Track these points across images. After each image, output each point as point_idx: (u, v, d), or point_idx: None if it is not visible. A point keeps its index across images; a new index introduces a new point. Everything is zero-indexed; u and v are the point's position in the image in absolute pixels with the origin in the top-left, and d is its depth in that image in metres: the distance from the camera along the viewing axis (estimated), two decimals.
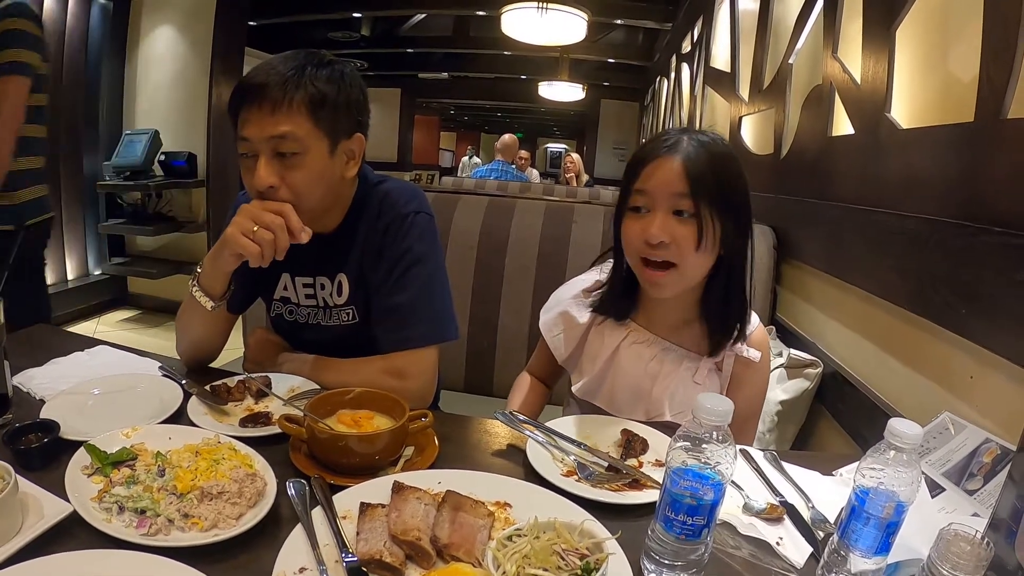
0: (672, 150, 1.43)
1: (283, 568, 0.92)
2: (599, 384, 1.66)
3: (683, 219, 1.42)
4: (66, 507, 1.00)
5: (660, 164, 1.43)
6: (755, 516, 1.16)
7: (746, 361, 1.57)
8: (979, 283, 1.41)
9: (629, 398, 1.63)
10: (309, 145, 1.48)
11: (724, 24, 4.54)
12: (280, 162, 1.48)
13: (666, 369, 1.60)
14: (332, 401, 1.34)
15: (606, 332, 1.66)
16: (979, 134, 1.50)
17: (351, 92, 1.55)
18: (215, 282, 1.57)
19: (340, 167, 1.58)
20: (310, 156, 1.49)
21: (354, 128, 1.58)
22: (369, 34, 10.72)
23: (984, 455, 1.26)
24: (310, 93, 1.46)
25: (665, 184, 1.42)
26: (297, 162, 1.48)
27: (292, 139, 1.46)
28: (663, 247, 1.42)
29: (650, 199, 1.44)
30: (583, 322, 1.68)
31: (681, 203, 1.41)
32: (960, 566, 0.81)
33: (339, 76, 1.53)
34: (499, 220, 2.58)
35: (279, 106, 1.44)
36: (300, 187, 1.50)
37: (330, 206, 1.64)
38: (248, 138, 1.48)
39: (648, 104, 10.48)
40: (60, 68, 5.52)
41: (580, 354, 1.71)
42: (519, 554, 0.92)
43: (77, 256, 6.05)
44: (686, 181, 1.40)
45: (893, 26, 1.91)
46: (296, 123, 1.46)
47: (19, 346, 1.56)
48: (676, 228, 1.42)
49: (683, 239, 1.42)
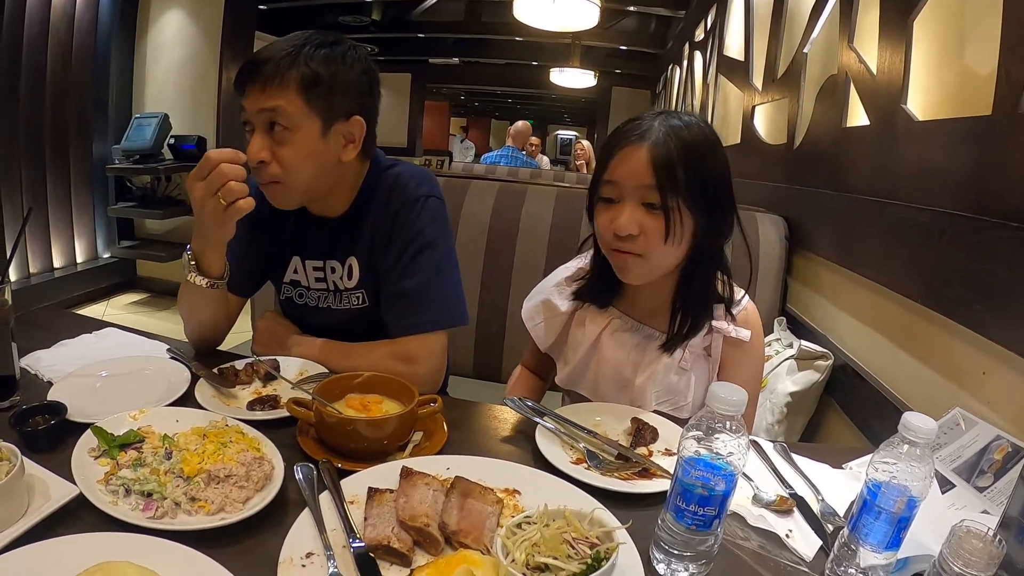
0: (641, 138, 1.38)
1: (290, 553, 0.92)
2: (582, 373, 1.66)
3: (652, 211, 1.38)
4: (72, 489, 0.99)
5: (628, 154, 1.39)
6: (765, 508, 1.15)
7: (736, 342, 1.54)
8: (993, 278, 1.40)
9: (613, 387, 1.62)
10: (299, 123, 1.49)
11: (738, 12, 4.50)
12: (271, 137, 1.50)
13: (649, 357, 1.58)
14: (341, 385, 1.34)
15: (588, 320, 1.64)
16: (996, 128, 1.49)
17: (349, 73, 1.55)
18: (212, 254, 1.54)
19: (335, 149, 1.57)
20: (300, 134, 1.50)
21: (352, 110, 1.57)
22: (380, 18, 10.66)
23: (995, 452, 1.25)
24: (303, 72, 1.48)
25: (632, 176, 1.38)
26: (287, 138, 1.50)
27: (282, 114, 1.47)
28: (631, 239, 1.40)
29: (619, 190, 1.41)
30: (565, 310, 1.67)
31: (649, 195, 1.37)
32: (972, 563, 0.80)
33: (339, 57, 1.53)
34: (510, 206, 2.57)
35: (272, 81, 1.47)
36: (289, 163, 1.51)
37: (329, 189, 1.64)
38: (245, 109, 1.51)
39: (660, 92, 10.43)
40: (70, 52, 5.53)
41: (564, 342, 1.70)
42: (528, 542, 0.91)
43: (86, 239, 6.07)
44: (652, 173, 1.36)
45: (911, 17, 1.89)
46: (287, 99, 1.47)
47: (27, 328, 1.56)
48: (645, 220, 1.39)
49: (651, 231, 1.39)
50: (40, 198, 5.46)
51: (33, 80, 5.23)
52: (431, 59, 13.58)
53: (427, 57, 13.39)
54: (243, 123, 1.54)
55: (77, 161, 5.79)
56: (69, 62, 5.52)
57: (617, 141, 1.42)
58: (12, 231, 5.00)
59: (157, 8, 6.07)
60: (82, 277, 5.99)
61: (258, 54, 1.50)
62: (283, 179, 1.53)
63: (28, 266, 5.46)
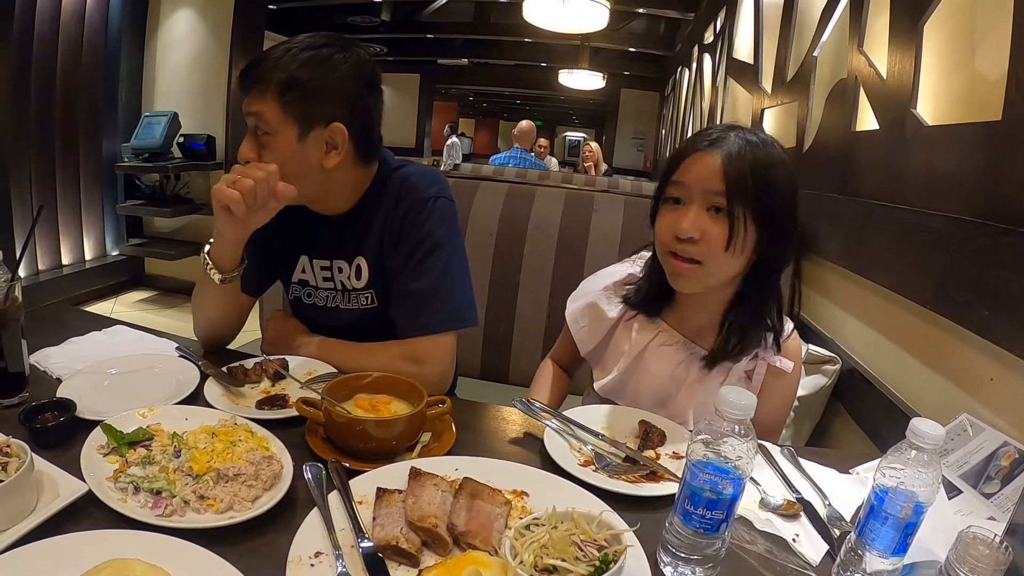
0: (714, 145, 1.38)
1: (298, 552, 0.92)
2: (623, 384, 1.63)
3: (716, 217, 1.37)
4: (81, 486, 1.00)
5: (699, 158, 1.38)
6: (772, 512, 1.16)
7: (777, 371, 1.54)
8: (1002, 284, 1.39)
9: (653, 402, 1.58)
10: (276, 128, 1.50)
11: (748, 15, 4.50)
12: (257, 140, 1.52)
13: (693, 375, 1.56)
14: (350, 385, 1.34)
15: (635, 329, 1.62)
16: (1006, 133, 1.48)
17: (330, 79, 1.52)
18: (223, 252, 1.56)
19: (315, 155, 1.54)
20: (278, 139, 1.51)
21: (333, 116, 1.53)
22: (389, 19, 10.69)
23: (1002, 459, 1.24)
24: (279, 77, 1.48)
25: (701, 179, 1.37)
26: (267, 142, 1.51)
27: (262, 119, 1.49)
28: (691, 242, 1.38)
29: (685, 191, 1.40)
30: (612, 316, 1.65)
31: (716, 200, 1.36)
32: (978, 569, 0.80)
33: (322, 61, 1.51)
34: (519, 207, 2.57)
35: (256, 85, 1.48)
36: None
37: (321, 192, 1.62)
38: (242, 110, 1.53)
39: (669, 94, 10.44)
40: (80, 50, 5.55)
41: (605, 349, 1.67)
42: (537, 544, 0.91)
43: (95, 236, 6.09)
44: (722, 178, 1.35)
45: (921, 21, 1.88)
46: (266, 104, 1.48)
47: (36, 325, 1.56)
48: (708, 225, 1.37)
49: (713, 237, 1.37)
50: (49, 195, 5.48)
51: (43, 78, 5.25)
52: (440, 60, 13.63)
53: (436, 58, 13.45)
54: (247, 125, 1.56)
55: (86, 159, 5.82)
56: (79, 60, 5.55)
57: (689, 146, 1.42)
58: (22, 229, 5.02)
59: (167, 7, 6.09)
60: (91, 274, 6.01)
61: (258, 56, 1.52)
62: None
63: (37, 263, 5.47)
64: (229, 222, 1.47)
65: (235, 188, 1.41)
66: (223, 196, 1.42)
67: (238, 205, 1.41)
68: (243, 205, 1.42)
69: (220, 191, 1.42)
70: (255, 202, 1.43)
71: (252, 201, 1.43)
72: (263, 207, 1.46)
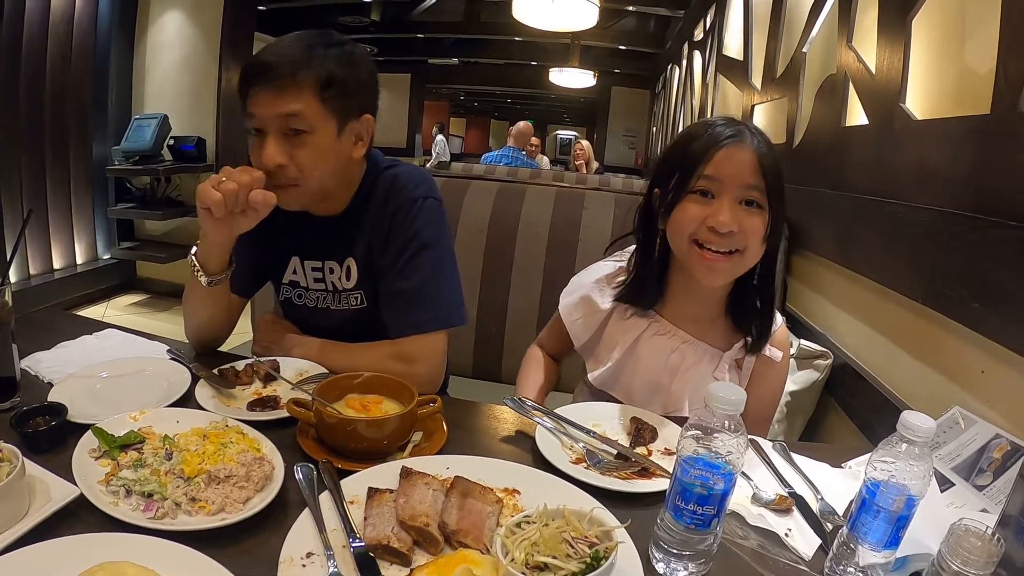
0: (740, 138, 1.40)
1: (290, 553, 0.92)
2: (616, 375, 1.64)
3: (751, 209, 1.40)
4: (73, 490, 1.00)
5: (732, 152, 1.39)
6: (764, 507, 1.16)
7: (767, 360, 1.56)
8: (993, 277, 1.40)
9: (647, 391, 1.60)
10: (316, 125, 1.50)
11: (737, 11, 4.51)
12: (288, 140, 1.50)
13: (687, 363, 1.57)
14: (341, 385, 1.34)
15: (627, 321, 1.63)
16: (995, 127, 1.49)
17: (360, 73, 1.57)
18: (209, 254, 1.56)
19: (348, 147, 1.59)
20: (317, 135, 1.51)
21: (363, 109, 1.59)
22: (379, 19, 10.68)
23: (994, 451, 1.25)
24: (319, 73, 1.48)
25: (736, 174, 1.39)
26: (305, 140, 1.50)
27: (300, 118, 1.48)
28: (730, 236, 1.39)
29: (717, 185, 1.40)
30: (605, 308, 1.66)
31: (752, 194, 1.39)
32: (970, 561, 0.80)
33: (349, 57, 1.54)
34: (509, 206, 2.56)
35: (289, 85, 1.46)
36: (307, 165, 1.52)
37: (337, 187, 1.64)
38: (255, 115, 1.49)
39: (659, 92, 10.44)
40: (69, 52, 5.51)
41: (598, 341, 1.68)
42: (528, 541, 0.91)
43: (86, 240, 6.06)
44: (761, 174, 1.38)
45: (909, 16, 1.89)
46: (305, 102, 1.47)
47: (27, 329, 1.56)
48: (744, 218, 1.39)
49: (751, 230, 1.40)
50: (40, 199, 5.45)
51: (33, 81, 5.22)
52: (430, 59, 13.63)
53: (426, 57, 13.44)
54: (253, 129, 1.53)
55: (77, 162, 5.78)
56: (69, 62, 5.51)
57: (712, 140, 1.42)
58: (12, 233, 5.00)
59: (156, 8, 6.05)
60: (82, 278, 5.97)
61: (262, 57, 1.49)
62: (300, 181, 1.54)
63: (28, 267, 5.44)
64: (211, 224, 1.46)
65: (219, 190, 1.41)
66: (206, 197, 1.41)
67: (218, 207, 1.40)
68: (223, 208, 1.41)
69: (204, 191, 1.42)
70: (236, 206, 1.42)
71: (233, 205, 1.42)
72: (245, 212, 1.45)
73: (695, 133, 1.47)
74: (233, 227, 1.48)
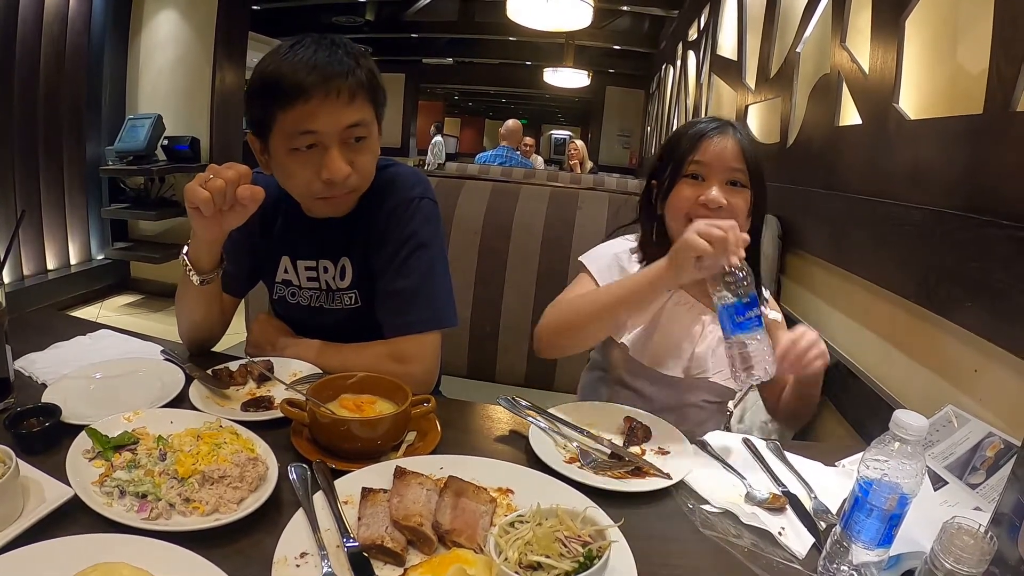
0: (723, 130, 1.67)
1: (284, 553, 0.92)
2: (645, 341, 1.79)
3: (736, 189, 1.66)
4: (67, 491, 0.99)
5: (718, 141, 1.65)
6: (757, 506, 1.16)
7: (772, 323, 1.72)
8: (985, 276, 1.40)
9: (672, 355, 1.78)
10: (372, 130, 1.56)
11: (731, 12, 4.52)
12: (349, 148, 1.53)
13: (707, 330, 1.76)
14: (334, 385, 1.34)
15: None
16: (988, 126, 1.49)
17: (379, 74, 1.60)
18: (200, 252, 1.56)
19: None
20: (371, 140, 1.58)
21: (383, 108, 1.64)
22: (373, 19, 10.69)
23: (987, 449, 1.25)
24: (368, 80, 1.52)
25: (722, 159, 1.64)
26: (365, 146, 1.56)
27: (363, 125, 1.53)
28: (720, 210, 1.60)
29: (707, 169, 1.66)
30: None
31: (736, 175, 1.65)
32: (963, 559, 0.80)
33: (367, 58, 1.57)
34: (503, 205, 2.56)
35: (354, 96, 1.49)
36: (367, 169, 1.58)
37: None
38: (316, 130, 1.47)
39: (653, 92, 10.45)
40: (63, 52, 5.50)
41: None
42: (521, 540, 0.91)
43: (80, 241, 6.05)
44: (743, 158, 1.65)
45: (903, 16, 1.89)
46: (365, 110, 1.53)
47: (21, 330, 1.56)
48: (730, 195, 1.64)
49: (738, 206, 1.65)
50: (33, 199, 5.44)
51: (26, 80, 5.21)
52: (425, 59, 13.63)
53: (421, 57, 13.45)
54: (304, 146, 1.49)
55: (70, 162, 5.77)
56: (62, 62, 5.50)
57: (700, 133, 1.68)
58: (5, 233, 4.99)
59: (150, 8, 6.05)
60: (76, 279, 5.97)
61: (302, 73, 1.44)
62: (359, 186, 1.59)
63: (22, 268, 5.43)
64: (200, 222, 1.46)
65: (206, 188, 1.40)
66: (194, 196, 1.41)
67: (207, 205, 1.40)
68: (212, 206, 1.40)
69: (192, 190, 1.41)
70: (224, 203, 1.42)
71: (221, 202, 1.42)
72: (233, 208, 1.45)
73: (685, 130, 1.75)
74: (223, 224, 1.48)
